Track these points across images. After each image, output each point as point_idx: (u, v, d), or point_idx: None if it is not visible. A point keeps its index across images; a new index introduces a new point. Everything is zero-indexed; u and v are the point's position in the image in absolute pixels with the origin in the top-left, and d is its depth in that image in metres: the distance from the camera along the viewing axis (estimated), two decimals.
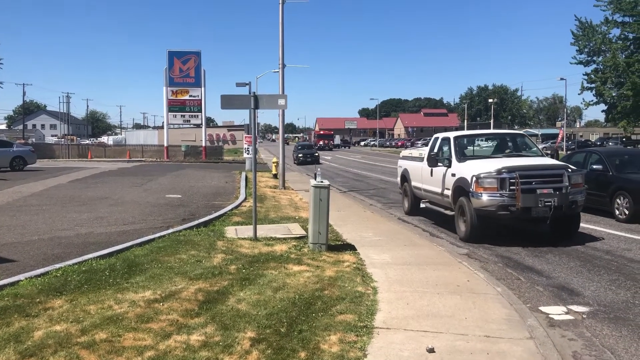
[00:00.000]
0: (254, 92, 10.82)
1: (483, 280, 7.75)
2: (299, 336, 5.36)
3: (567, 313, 6.57)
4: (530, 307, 6.68)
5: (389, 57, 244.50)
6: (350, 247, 9.84)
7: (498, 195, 10.17)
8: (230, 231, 11.21)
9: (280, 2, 21.83)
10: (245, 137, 23.01)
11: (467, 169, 10.93)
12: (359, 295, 6.80)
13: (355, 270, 8.06)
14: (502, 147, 12.91)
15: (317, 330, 5.52)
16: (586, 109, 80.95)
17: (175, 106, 45.83)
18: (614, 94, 36.71)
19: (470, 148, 12.59)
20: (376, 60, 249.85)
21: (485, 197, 10.25)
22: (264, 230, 11.08)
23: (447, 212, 12.29)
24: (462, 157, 11.73)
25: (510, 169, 10.22)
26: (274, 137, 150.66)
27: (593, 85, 36.82)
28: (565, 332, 5.92)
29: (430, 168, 12.64)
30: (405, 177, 15.10)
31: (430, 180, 12.87)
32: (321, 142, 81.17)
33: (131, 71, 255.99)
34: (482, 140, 13.71)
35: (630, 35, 34.86)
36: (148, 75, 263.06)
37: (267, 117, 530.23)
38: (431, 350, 5.06)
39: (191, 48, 52.02)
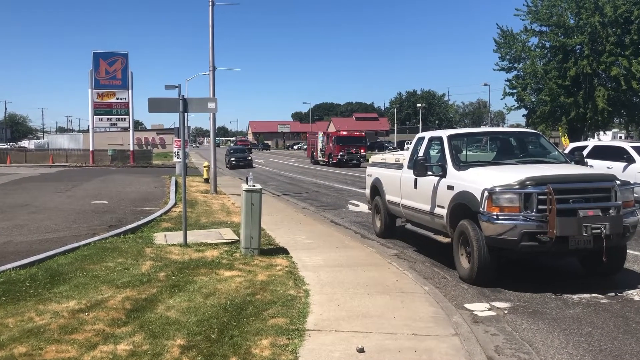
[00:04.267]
0: (183, 95, 10.65)
1: (411, 279, 7.98)
2: (230, 342, 5.33)
3: (490, 309, 6.85)
4: (455, 305, 6.93)
5: (321, 62, 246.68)
6: (283, 251, 9.85)
7: (521, 218, 7.26)
8: (160, 237, 10.97)
9: (210, 3, 21.64)
10: (175, 140, 22.56)
11: (473, 180, 8.03)
12: (291, 298, 6.83)
13: (288, 274, 8.09)
14: (507, 150, 9.87)
15: (249, 335, 5.51)
16: (508, 113, 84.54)
17: (101, 109, 44.36)
18: (533, 99, 38.57)
19: (464, 152, 9.50)
20: (309, 64, 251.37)
21: (502, 222, 7.31)
22: (194, 236, 10.92)
23: (439, 238, 9.20)
24: (462, 163, 8.85)
25: (539, 181, 7.36)
26: (205, 141, 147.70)
27: (514, 90, 38.51)
28: (488, 328, 6.18)
29: (414, 178, 9.58)
30: (376, 189, 11.96)
31: (414, 194, 9.85)
32: (341, 153, 43.15)
33: (54, 73, 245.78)
34: (482, 140, 11.07)
35: (547, 44, 36.80)
36: (72, 77, 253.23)
37: (198, 120, 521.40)
38: (361, 350, 5.16)
39: (118, 49, 50.46)
